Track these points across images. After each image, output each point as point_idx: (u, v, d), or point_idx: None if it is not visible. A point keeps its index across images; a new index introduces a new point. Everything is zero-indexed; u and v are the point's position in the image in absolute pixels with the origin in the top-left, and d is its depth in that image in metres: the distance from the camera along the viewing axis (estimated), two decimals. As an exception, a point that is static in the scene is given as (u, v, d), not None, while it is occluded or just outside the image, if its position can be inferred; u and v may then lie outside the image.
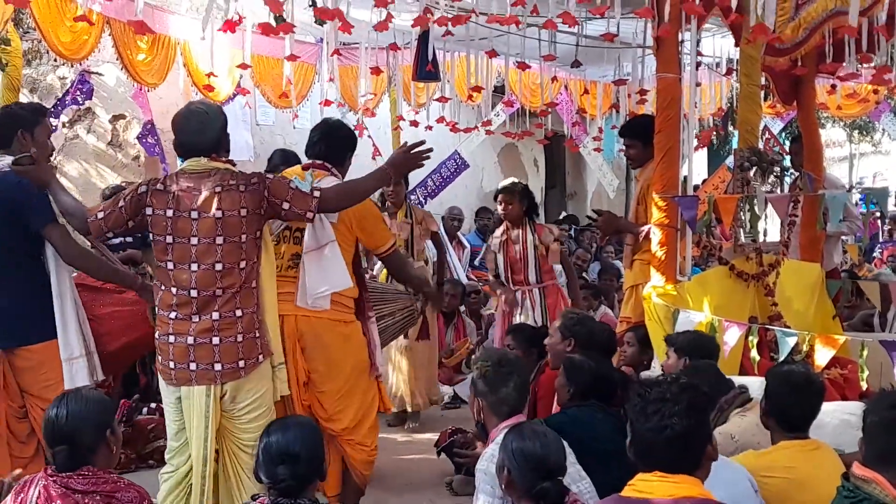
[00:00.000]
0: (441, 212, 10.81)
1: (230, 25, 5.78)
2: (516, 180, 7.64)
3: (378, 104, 9.83)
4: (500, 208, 7.42)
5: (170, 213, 4.16)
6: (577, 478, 3.77)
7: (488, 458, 3.80)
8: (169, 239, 4.16)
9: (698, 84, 8.28)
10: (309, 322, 4.73)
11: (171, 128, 4.42)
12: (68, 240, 4.68)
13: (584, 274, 10.83)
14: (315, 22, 7.61)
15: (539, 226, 7.42)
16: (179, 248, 4.15)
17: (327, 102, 8.38)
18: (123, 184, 9.13)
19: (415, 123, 9.80)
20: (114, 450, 3.38)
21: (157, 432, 6.20)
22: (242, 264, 4.16)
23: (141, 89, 8.00)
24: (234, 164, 4.36)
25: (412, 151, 4.59)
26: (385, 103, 10.05)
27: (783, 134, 13.70)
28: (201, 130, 4.28)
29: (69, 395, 3.44)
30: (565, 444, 3.59)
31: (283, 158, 6.51)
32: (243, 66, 7.44)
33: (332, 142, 5.11)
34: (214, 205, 4.12)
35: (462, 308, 9.34)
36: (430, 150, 4.68)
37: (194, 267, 4.13)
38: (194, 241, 4.13)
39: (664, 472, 2.80)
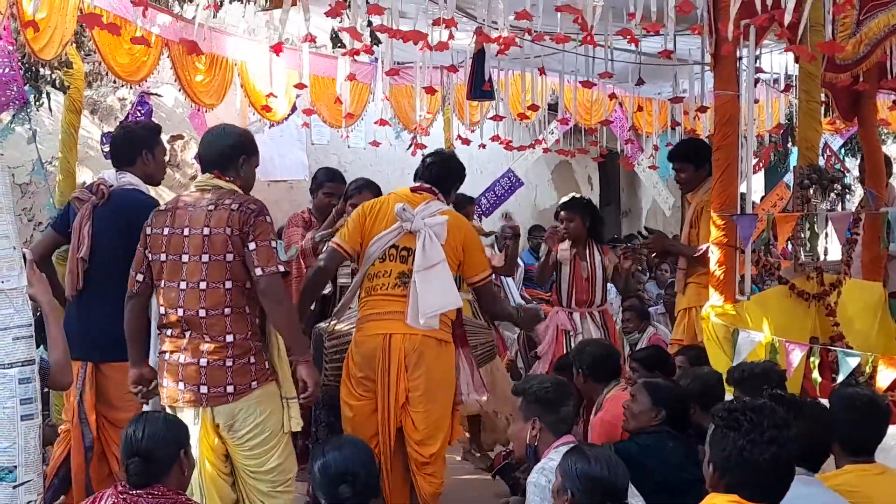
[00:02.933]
0: (495, 229, 10.77)
1: (278, 49, 5.85)
2: (577, 195, 7.50)
3: (432, 123, 9.86)
4: (561, 226, 6.93)
5: (166, 230, 4.16)
6: (630, 497, 3.73)
7: (539, 470, 3.81)
8: (163, 257, 4.15)
9: (756, 101, 8.19)
10: (415, 340, 4.72)
11: None
12: None
13: (639, 292, 10.74)
14: (371, 42, 7.65)
15: (604, 246, 7.04)
16: (171, 266, 4.13)
17: (382, 122, 8.41)
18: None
19: (466, 142, 9.82)
20: (185, 472, 3.43)
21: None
22: (228, 284, 4.07)
23: (199, 110, 8.10)
24: (242, 189, 4.28)
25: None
26: (439, 122, 10.08)
27: (843, 150, 13.50)
28: (209, 144, 4.32)
29: (148, 414, 3.55)
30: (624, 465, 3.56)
31: (329, 175, 6.54)
32: (300, 86, 7.50)
33: (447, 171, 5.16)
34: (203, 221, 4.08)
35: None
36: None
37: (182, 285, 4.09)
38: (185, 258, 4.09)
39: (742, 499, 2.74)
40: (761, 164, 12.17)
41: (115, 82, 8.14)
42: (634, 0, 4.80)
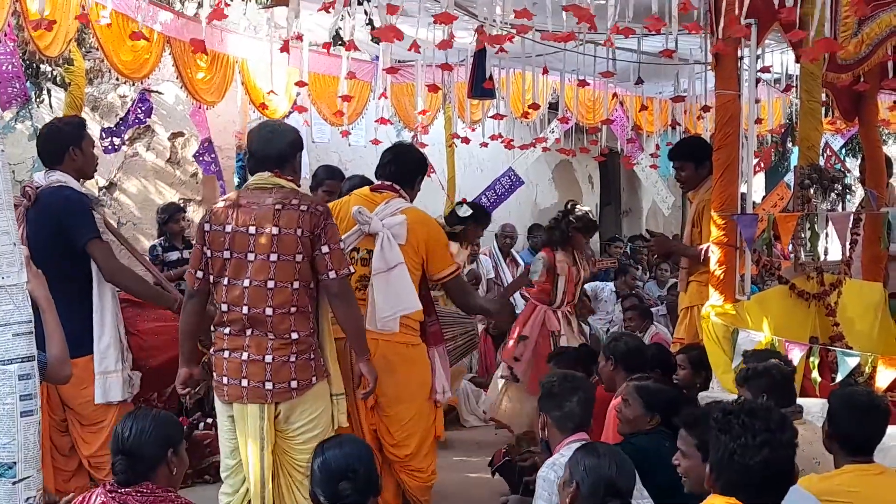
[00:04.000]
0: (494, 229, 10.78)
1: (286, 47, 5.84)
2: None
3: (433, 122, 9.86)
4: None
5: (228, 228, 4.13)
6: (638, 497, 3.74)
7: (550, 465, 3.84)
8: (227, 254, 4.14)
9: (757, 101, 8.18)
10: (377, 345, 4.67)
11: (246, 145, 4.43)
12: (110, 257, 4.74)
13: (635, 291, 10.76)
14: (371, 40, 7.66)
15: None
16: (236, 264, 4.12)
17: (383, 120, 8.41)
18: (180, 201, 9.27)
19: (466, 140, 9.82)
20: (174, 471, 3.41)
21: (213, 448, 6.24)
22: (296, 284, 4.11)
23: (199, 107, 8.10)
24: (298, 185, 4.34)
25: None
26: (440, 121, 10.08)
27: (844, 150, 13.50)
28: (268, 141, 4.27)
29: (140, 411, 3.55)
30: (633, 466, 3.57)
31: (329, 173, 6.53)
32: (300, 84, 7.50)
33: (404, 165, 5.11)
34: (272, 221, 4.08)
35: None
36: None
37: (246, 283, 4.09)
38: (251, 256, 4.10)
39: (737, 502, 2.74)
40: (761, 165, 12.15)
41: (116, 79, 8.15)
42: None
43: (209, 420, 6.52)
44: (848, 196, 6.36)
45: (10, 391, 3.33)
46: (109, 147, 7.86)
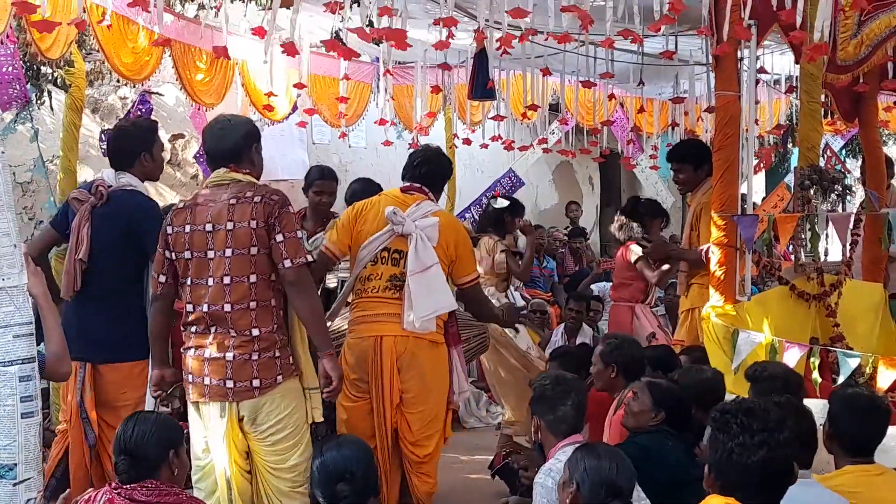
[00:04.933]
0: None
1: (291, 50, 5.83)
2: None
3: (433, 123, 9.87)
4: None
5: (187, 228, 4.12)
6: (637, 498, 3.73)
7: (546, 472, 3.81)
8: (187, 255, 4.12)
9: (757, 102, 8.19)
10: (406, 342, 4.70)
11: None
12: None
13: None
14: (372, 41, 7.66)
15: None
16: (197, 263, 4.10)
17: (383, 122, 8.41)
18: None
19: (467, 142, 9.82)
20: (176, 472, 3.44)
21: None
22: (252, 278, 4.05)
23: (199, 109, 8.10)
24: (258, 177, 4.30)
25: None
26: (440, 122, 10.08)
27: (844, 151, 13.51)
28: (221, 137, 4.24)
29: (140, 414, 3.56)
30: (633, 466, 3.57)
31: (320, 174, 6.39)
32: (300, 86, 7.50)
33: (434, 169, 5.12)
34: (226, 216, 4.05)
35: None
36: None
37: (210, 281, 4.07)
38: (210, 254, 4.07)
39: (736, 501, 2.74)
40: (762, 166, 12.16)
41: (118, 81, 8.16)
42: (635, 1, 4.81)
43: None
44: (848, 197, 6.37)
45: (11, 393, 3.33)
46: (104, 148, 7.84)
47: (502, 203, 7.98)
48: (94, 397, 4.70)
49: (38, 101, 7.71)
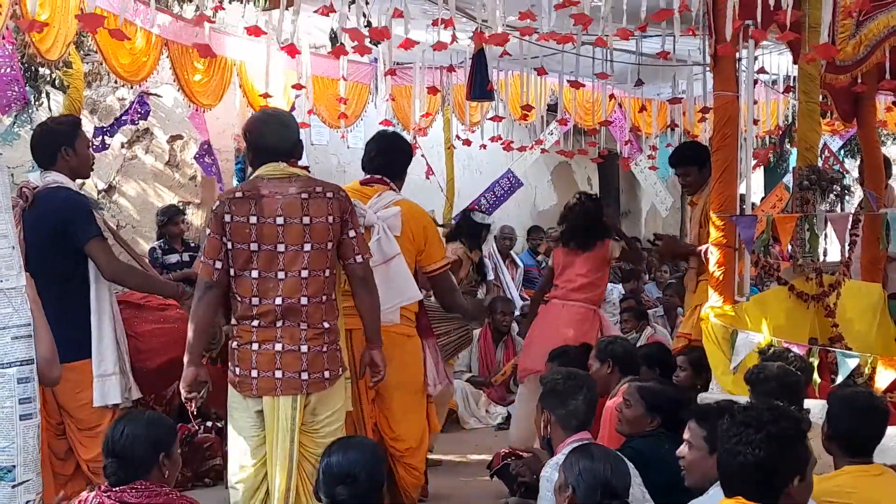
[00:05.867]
0: (493, 231, 10.77)
1: (292, 50, 5.83)
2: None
3: (431, 124, 9.87)
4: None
5: (253, 219, 4.05)
6: (640, 499, 3.73)
7: (553, 465, 3.81)
8: (254, 247, 4.05)
9: (755, 102, 8.19)
10: None
11: (246, 132, 4.34)
12: (111, 256, 4.69)
13: (640, 294, 10.78)
14: (370, 42, 7.65)
15: None
16: (265, 256, 4.05)
17: (386, 123, 8.41)
18: (179, 204, 9.27)
19: (467, 143, 9.82)
20: (166, 474, 3.40)
21: (212, 451, 6.24)
22: (327, 273, 4.10)
23: (198, 110, 8.09)
24: (309, 171, 4.35)
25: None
26: (438, 122, 10.08)
27: (842, 152, 13.51)
28: (280, 133, 4.24)
29: (131, 414, 3.53)
30: (631, 467, 3.57)
31: None
32: (298, 87, 7.49)
33: (391, 155, 5.11)
34: (301, 210, 4.05)
35: (515, 327, 9.28)
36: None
37: (281, 275, 4.04)
38: (281, 247, 4.04)
39: (746, 500, 2.75)
40: (758, 164, 12.15)
41: (115, 82, 8.15)
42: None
43: (208, 423, 6.50)
44: (847, 197, 6.36)
45: (10, 394, 3.33)
46: (100, 146, 7.82)
47: (483, 219, 7.93)
48: (45, 400, 4.60)
49: (37, 103, 7.71)
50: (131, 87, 7.81)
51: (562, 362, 5.83)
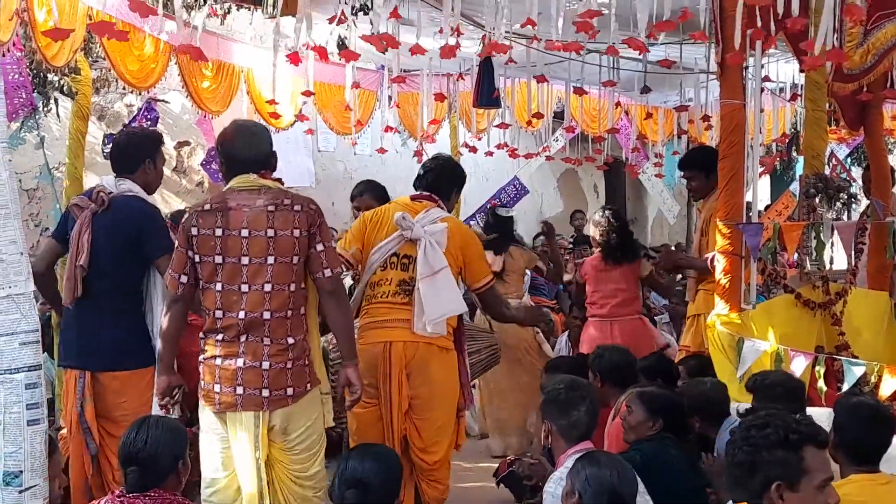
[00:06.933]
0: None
1: (295, 58, 5.84)
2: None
3: (438, 131, 9.89)
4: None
5: (219, 231, 4.02)
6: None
7: (556, 480, 3.80)
8: (218, 259, 4.02)
9: (762, 110, 8.19)
10: (416, 347, 4.71)
11: (218, 144, 4.33)
12: None
13: (646, 301, 10.74)
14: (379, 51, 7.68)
15: None
16: (230, 269, 4.01)
17: (389, 129, 8.42)
18: (186, 209, 9.29)
19: (473, 150, 9.83)
20: (182, 479, 3.43)
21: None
22: (292, 287, 4.03)
23: (205, 116, 8.12)
24: (282, 183, 4.30)
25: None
26: (445, 129, 10.10)
27: (849, 160, 13.50)
28: (251, 145, 4.20)
29: (149, 420, 3.51)
30: (635, 473, 3.56)
31: (358, 190, 6.34)
32: (307, 94, 7.51)
33: (443, 177, 5.14)
34: (266, 223, 4.01)
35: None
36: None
37: (244, 288, 4.00)
38: (245, 260, 4.00)
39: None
40: (764, 171, 12.15)
41: (124, 89, 8.18)
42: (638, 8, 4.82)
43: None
44: (854, 205, 6.35)
45: (17, 400, 3.34)
46: (108, 153, 7.87)
47: (507, 212, 7.98)
48: (94, 406, 4.65)
49: (45, 109, 7.73)
50: (139, 94, 7.84)
51: (555, 372, 5.83)
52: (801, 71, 6.23)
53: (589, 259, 7.39)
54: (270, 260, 4.01)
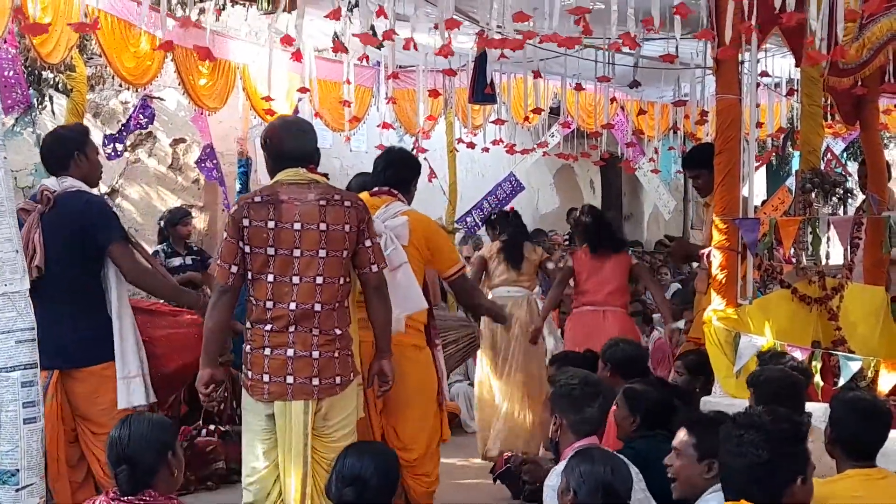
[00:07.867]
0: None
1: (296, 55, 5.83)
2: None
3: (434, 127, 9.88)
4: None
5: (271, 224, 4.06)
6: (643, 500, 3.73)
7: (558, 473, 3.78)
8: (270, 251, 4.06)
9: (758, 105, 8.19)
10: None
11: (266, 139, 4.35)
12: (134, 259, 4.70)
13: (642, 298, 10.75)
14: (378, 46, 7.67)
15: None
16: (282, 261, 4.07)
17: (385, 125, 8.41)
18: (183, 206, 9.29)
19: (471, 146, 9.82)
20: (175, 473, 3.39)
21: (215, 454, 6.24)
22: (341, 280, 4.13)
23: (201, 113, 8.11)
24: (328, 178, 4.34)
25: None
26: (441, 126, 10.09)
27: (845, 154, 13.51)
28: (300, 139, 4.28)
29: (133, 416, 3.48)
30: (634, 469, 3.56)
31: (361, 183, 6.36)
32: (303, 91, 7.50)
33: (399, 170, 5.13)
34: (318, 217, 4.07)
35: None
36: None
37: (296, 280, 4.06)
38: (297, 252, 4.06)
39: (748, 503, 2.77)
40: (759, 164, 12.15)
41: (118, 86, 8.17)
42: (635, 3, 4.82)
43: (211, 427, 6.51)
44: (850, 200, 6.36)
45: (13, 398, 3.34)
46: (112, 153, 7.88)
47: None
48: (58, 407, 4.58)
49: (40, 106, 7.72)
50: (134, 91, 7.83)
51: (561, 367, 5.82)
52: (797, 66, 6.23)
53: (579, 251, 7.35)
54: (322, 253, 4.09)
